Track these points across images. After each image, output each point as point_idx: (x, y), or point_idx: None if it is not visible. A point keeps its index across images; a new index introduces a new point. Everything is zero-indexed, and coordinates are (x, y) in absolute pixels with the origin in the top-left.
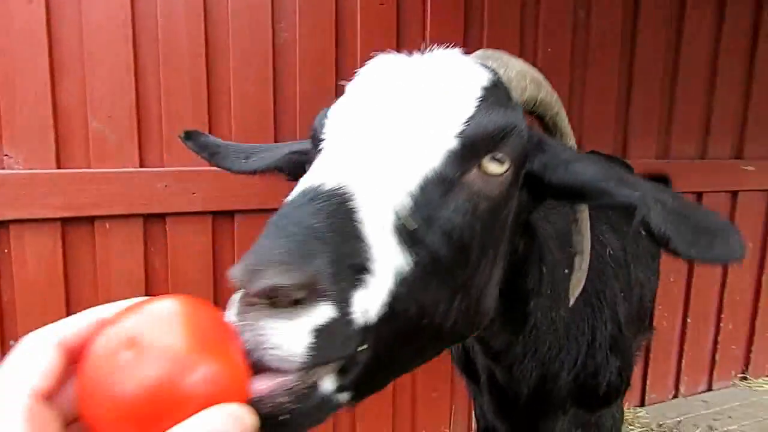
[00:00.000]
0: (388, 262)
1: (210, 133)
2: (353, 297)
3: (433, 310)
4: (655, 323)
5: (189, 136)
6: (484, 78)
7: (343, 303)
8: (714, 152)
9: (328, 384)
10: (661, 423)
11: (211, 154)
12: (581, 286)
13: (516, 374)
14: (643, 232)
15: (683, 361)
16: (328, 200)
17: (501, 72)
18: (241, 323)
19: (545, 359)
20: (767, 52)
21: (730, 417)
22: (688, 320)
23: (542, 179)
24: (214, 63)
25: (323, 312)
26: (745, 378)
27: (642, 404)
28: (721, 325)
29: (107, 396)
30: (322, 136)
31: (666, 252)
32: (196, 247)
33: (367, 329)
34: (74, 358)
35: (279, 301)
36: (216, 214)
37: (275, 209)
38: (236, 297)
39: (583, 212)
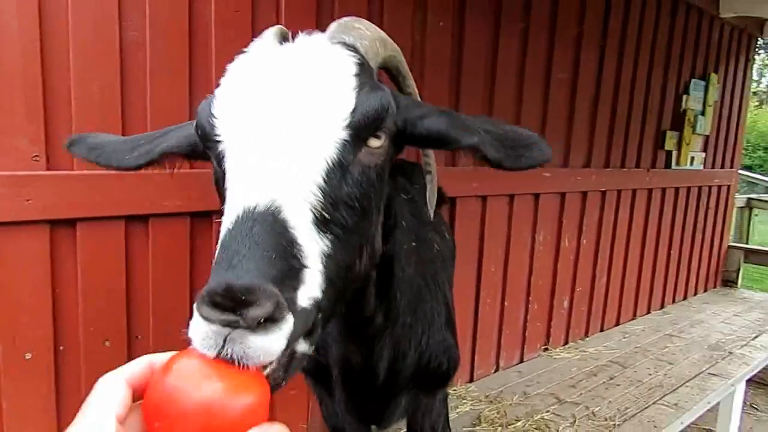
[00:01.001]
0: (315, 251)
1: (46, 135)
2: (299, 294)
3: (353, 264)
4: (480, 308)
5: (73, 143)
6: (352, 65)
7: (296, 309)
8: None
9: (302, 347)
10: (487, 394)
11: (97, 156)
12: (435, 200)
13: (375, 353)
14: (486, 162)
15: (502, 339)
16: (265, 220)
17: (358, 45)
18: (225, 345)
19: (398, 338)
20: (558, 81)
21: (538, 382)
22: (505, 304)
23: (404, 132)
24: (51, 58)
25: (289, 321)
26: (547, 349)
27: (471, 380)
28: (529, 306)
29: None
30: (216, 137)
31: (500, 169)
32: (30, 260)
33: (316, 305)
34: (134, 395)
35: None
36: (54, 223)
37: (121, 216)
38: (201, 329)
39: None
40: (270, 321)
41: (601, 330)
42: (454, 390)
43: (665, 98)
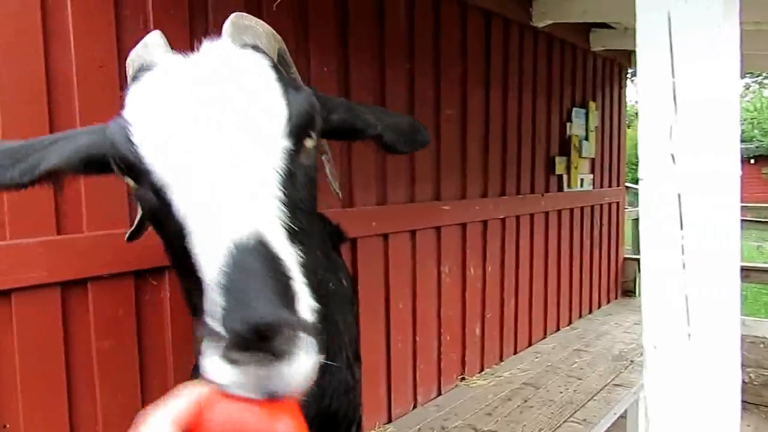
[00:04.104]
0: (294, 264)
1: None
2: (301, 308)
3: (316, 267)
4: (392, 347)
5: None
6: (270, 70)
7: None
8: (419, 196)
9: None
10: None
11: None
12: (336, 178)
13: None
14: (383, 148)
15: (417, 375)
16: (255, 250)
17: (259, 44)
18: (257, 378)
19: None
20: (448, 117)
21: (456, 414)
22: (417, 339)
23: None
24: None
25: (308, 339)
26: (463, 378)
27: (390, 421)
28: (441, 338)
29: None
30: (146, 166)
31: (394, 153)
32: None
33: (313, 312)
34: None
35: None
36: None
37: None
38: (218, 361)
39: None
40: (296, 346)
41: (515, 352)
42: None
43: (551, 126)
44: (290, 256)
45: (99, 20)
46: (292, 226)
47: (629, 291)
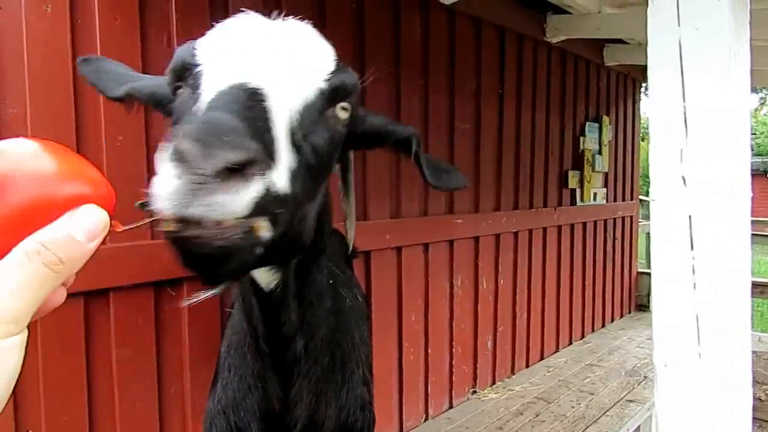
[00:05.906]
0: (285, 156)
1: None
2: (272, 175)
3: (303, 203)
4: (404, 359)
5: (87, 62)
6: (329, 46)
7: (267, 178)
8: (433, 210)
9: (264, 232)
10: None
11: (96, 79)
12: (352, 243)
13: (294, 391)
14: (415, 164)
15: (429, 387)
16: (252, 96)
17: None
18: (189, 199)
19: (318, 383)
20: (462, 132)
21: (467, 428)
22: (429, 351)
23: (353, 132)
24: None
25: (258, 184)
26: (475, 391)
27: None
28: (453, 351)
29: None
30: (197, 62)
31: (425, 183)
32: None
33: (279, 199)
34: None
35: (224, 172)
36: None
37: None
38: (170, 171)
39: (349, 185)
40: (246, 170)
41: (527, 366)
42: None
43: (564, 141)
44: (283, 140)
45: (125, 40)
46: (297, 137)
47: (643, 305)
